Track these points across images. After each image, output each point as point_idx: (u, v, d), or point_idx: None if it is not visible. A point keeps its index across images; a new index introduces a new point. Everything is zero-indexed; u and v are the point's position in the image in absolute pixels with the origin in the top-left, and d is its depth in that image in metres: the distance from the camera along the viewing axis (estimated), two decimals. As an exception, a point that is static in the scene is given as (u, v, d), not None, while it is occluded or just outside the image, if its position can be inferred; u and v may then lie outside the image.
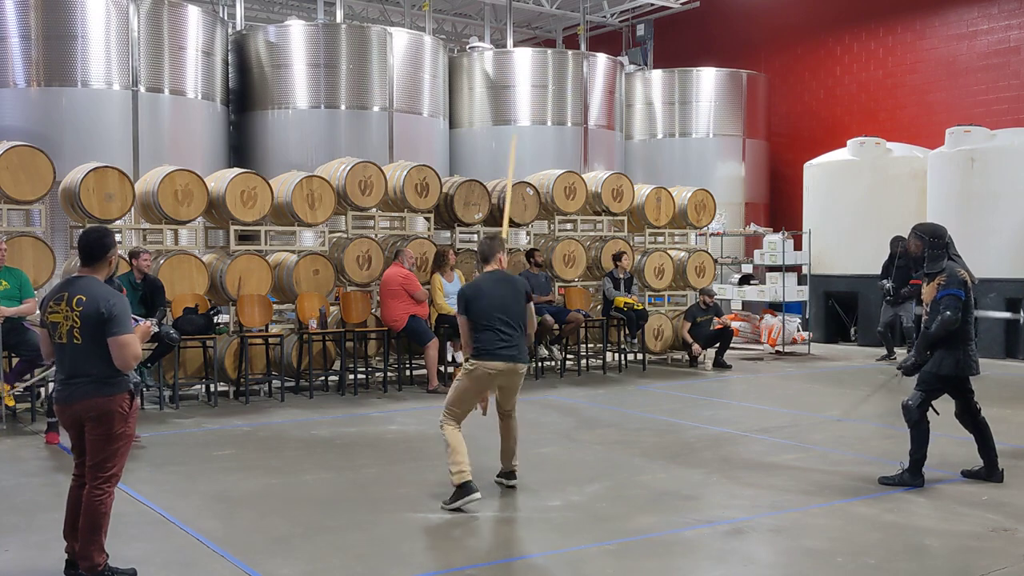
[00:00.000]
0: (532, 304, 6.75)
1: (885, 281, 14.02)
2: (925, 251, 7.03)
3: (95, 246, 4.93)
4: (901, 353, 14.19)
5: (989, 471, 7.15)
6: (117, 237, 11.14)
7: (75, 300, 4.76)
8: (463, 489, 6.15)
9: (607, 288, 13.19)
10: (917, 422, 7.01)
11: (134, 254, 10.02)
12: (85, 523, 4.79)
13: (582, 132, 18.57)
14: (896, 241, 13.99)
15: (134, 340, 4.82)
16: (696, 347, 13.75)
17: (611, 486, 6.94)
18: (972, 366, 6.98)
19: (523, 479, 7.07)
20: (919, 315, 7.67)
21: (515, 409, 6.79)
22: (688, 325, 13.81)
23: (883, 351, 14.43)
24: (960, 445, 8.43)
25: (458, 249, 12.86)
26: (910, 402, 7.05)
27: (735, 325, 15.43)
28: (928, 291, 7.02)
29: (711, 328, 13.91)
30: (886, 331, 14.29)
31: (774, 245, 16.07)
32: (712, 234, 16.28)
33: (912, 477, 6.93)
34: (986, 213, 14.68)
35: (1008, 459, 7.85)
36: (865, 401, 11.08)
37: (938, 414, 7.13)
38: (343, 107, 15.96)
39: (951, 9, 18.51)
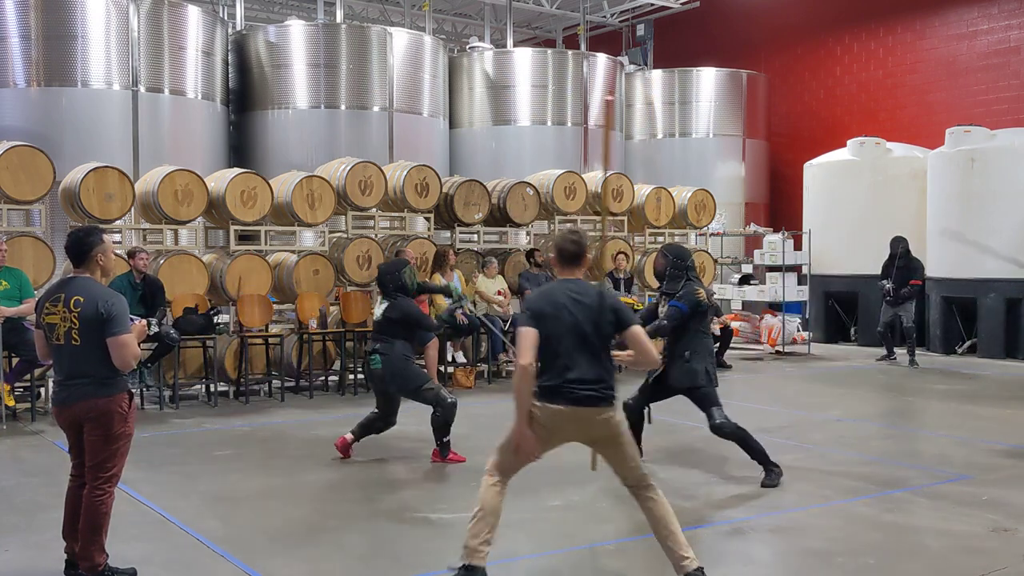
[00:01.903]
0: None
1: (885, 282, 13.98)
2: (667, 270, 7.30)
3: (79, 246, 4.90)
4: (901, 353, 14.19)
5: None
6: (116, 237, 11.17)
7: (72, 301, 4.75)
8: (470, 573, 4.67)
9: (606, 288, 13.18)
10: (733, 431, 7.00)
11: (131, 253, 10.03)
12: (85, 523, 4.79)
13: (582, 132, 18.57)
14: (897, 242, 13.98)
15: (133, 340, 4.81)
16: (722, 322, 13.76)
17: (611, 486, 6.91)
18: (710, 378, 7.04)
19: (523, 479, 7.06)
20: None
21: (647, 481, 4.81)
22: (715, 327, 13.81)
23: (883, 351, 14.42)
24: (960, 445, 8.44)
25: (458, 249, 12.86)
26: (716, 421, 6.99)
27: (735, 325, 15.43)
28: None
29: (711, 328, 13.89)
30: (886, 331, 14.24)
31: (774, 245, 16.06)
32: (712, 234, 16.28)
33: (775, 475, 6.91)
34: (986, 213, 14.67)
35: (1008, 459, 7.86)
36: (865, 401, 11.07)
37: (650, 422, 7.43)
38: (343, 107, 15.96)
39: (951, 9, 18.51)
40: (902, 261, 13.82)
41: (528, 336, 4.60)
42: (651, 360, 4.82)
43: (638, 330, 4.73)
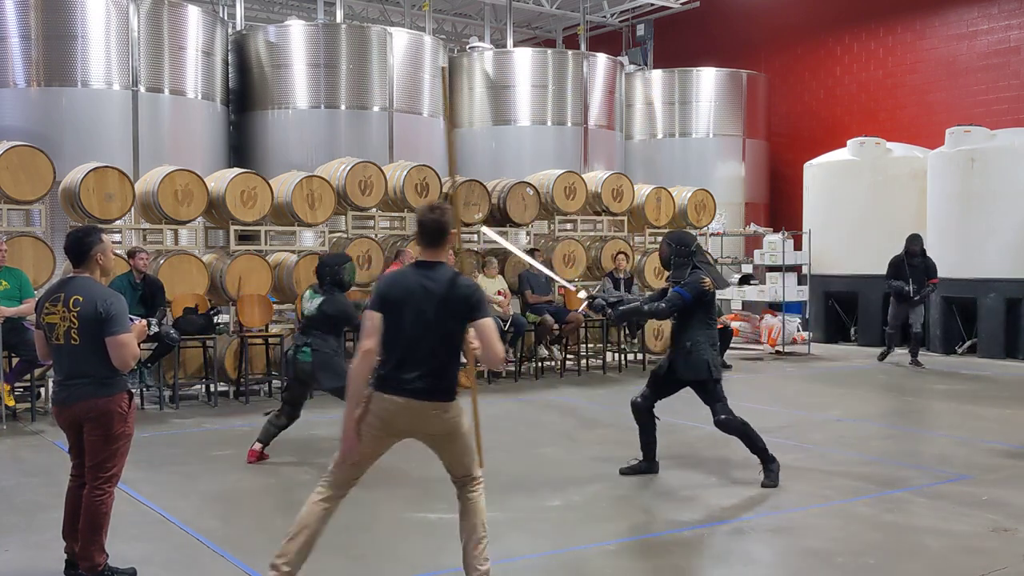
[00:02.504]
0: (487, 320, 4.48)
1: (902, 283, 13.43)
2: (672, 258, 7.11)
3: (77, 246, 4.91)
4: (902, 353, 14.17)
5: (649, 464, 7.24)
6: (116, 237, 11.17)
7: (72, 300, 4.75)
8: None
9: (607, 288, 13.18)
10: (741, 423, 7.00)
11: (131, 253, 10.03)
12: (85, 523, 4.79)
13: (582, 132, 18.57)
14: (914, 239, 13.58)
15: (132, 340, 4.81)
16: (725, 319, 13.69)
17: (611, 486, 6.94)
18: (712, 371, 6.97)
19: (523, 479, 7.07)
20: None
21: (472, 477, 4.59)
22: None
23: (881, 349, 14.19)
24: (960, 445, 8.44)
25: (458, 249, 12.84)
26: (722, 416, 6.98)
27: (735, 325, 15.43)
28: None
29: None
30: (896, 331, 13.83)
31: (774, 245, 16.06)
32: (712, 234, 16.27)
33: (775, 475, 6.90)
34: (986, 213, 14.67)
35: (1009, 459, 7.86)
36: (865, 401, 11.07)
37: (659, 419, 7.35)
38: (343, 107, 15.96)
39: (951, 9, 18.51)
40: (919, 260, 13.50)
41: (371, 320, 4.40)
42: (494, 357, 4.51)
43: (488, 323, 4.42)
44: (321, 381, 7.58)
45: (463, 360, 4.81)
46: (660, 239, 7.92)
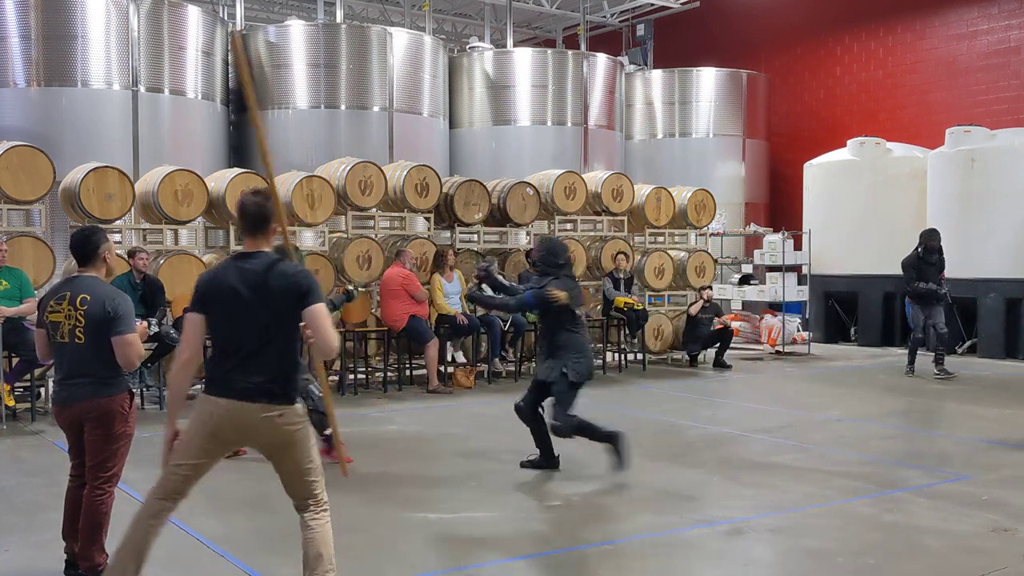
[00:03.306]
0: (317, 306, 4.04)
1: (932, 284, 12.48)
2: (539, 265, 7.30)
3: (84, 244, 4.94)
4: (900, 353, 14.16)
5: (547, 460, 7.33)
6: (116, 237, 11.16)
7: (79, 299, 4.76)
8: None
9: (607, 288, 13.19)
10: (573, 430, 7.10)
11: (131, 253, 10.03)
12: (86, 523, 4.79)
13: (582, 132, 18.57)
14: (933, 234, 12.79)
15: (138, 339, 4.86)
16: (707, 292, 13.78)
17: (611, 486, 6.94)
18: (564, 376, 7.08)
19: (523, 479, 7.07)
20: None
21: (316, 500, 4.20)
22: (697, 306, 13.76)
23: (907, 365, 12.96)
24: (960, 445, 8.45)
25: (458, 249, 12.87)
26: (554, 423, 7.08)
27: (735, 325, 15.43)
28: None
29: (711, 328, 13.91)
30: (924, 335, 12.84)
31: (774, 245, 16.07)
32: (712, 234, 16.27)
33: (624, 458, 7.04)
34: (986, 213, 14.68)
35: (1009, 459, 7.86)
36: (865, 401, 11.07)
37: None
38: (343, 107, 15.96)
39: (951, 9, 18.51)
40: (937, 256, 12.70)
41: (190, 324, 4.10)
42: (325, 345, 4.02)
43: (318, 309, 3.99)
44: None
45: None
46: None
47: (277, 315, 4.02)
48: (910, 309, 13.18)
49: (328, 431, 6.91)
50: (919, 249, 12.77)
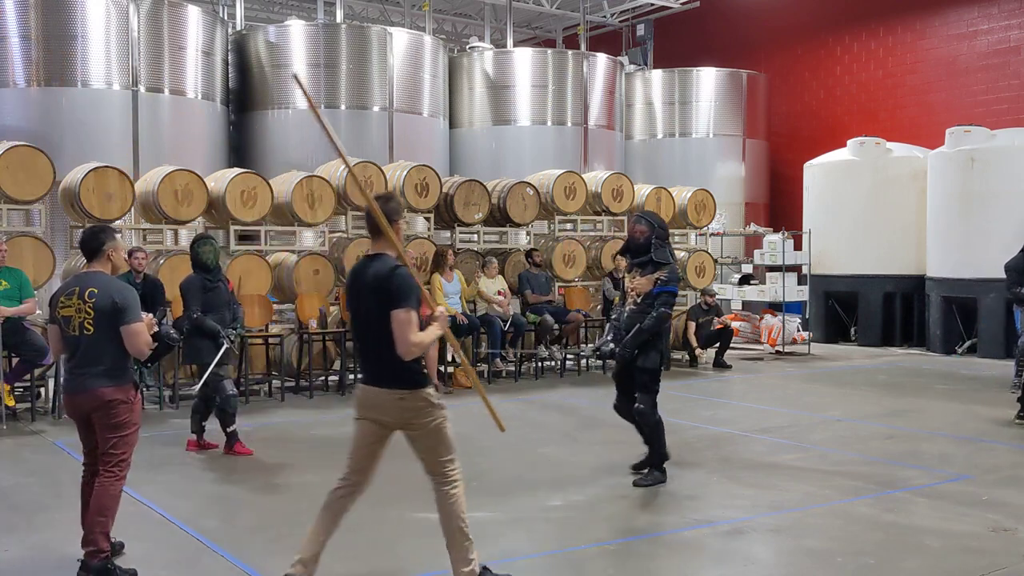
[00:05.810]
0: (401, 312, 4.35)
1: None
2: (652, 239, 6.86)
3: (92, 241, 5.19)
4: (900, 353, 14.16)
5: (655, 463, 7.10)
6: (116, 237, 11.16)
7: (87, 293, 4.96)
8: None
9: (607, 288, 13.19)
10: (658, 421, 7.00)
11: (129, 253, 10.01)
12: (94, 507, 4.92)
13: (582, 132, 18.57)
14: None
15: (145, 328, 5.04)
16: (699, 350, 13.76)
17: (611, 486, 6.94)
18: (665, 361, 6.97)
19: (524, 479, 7.07)
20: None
21: (442, 475, 4.77)
22: (693, 326, 13.79)
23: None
24: (960, 445, 8.44)
25: (458, 249, 12.87)
26: (643, 407, 6.96)
27: (735, 325, 15.43)
28: (643, 283, 6.88)
29: (711, 328, 13.91)
30: None
31: (774, 245, 16.07)
32: (712, 234, 16.28)
33: (662, 474, 6.95)
34: (986, 213, 14.67)
35: (1008, 459, 7.86)
36: (865, 401, 11.07)
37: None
38: (343, 107, 15.96)
39: (951, 9, 18.51)
40: None
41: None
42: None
43: (394, 315, 4.32)
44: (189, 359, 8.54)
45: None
46: (631, 218, 7.62)
47: (381, 314, 4.38)
48: (1019, 315, 11.49)
49: (231, 428, 7.87)
50: None
